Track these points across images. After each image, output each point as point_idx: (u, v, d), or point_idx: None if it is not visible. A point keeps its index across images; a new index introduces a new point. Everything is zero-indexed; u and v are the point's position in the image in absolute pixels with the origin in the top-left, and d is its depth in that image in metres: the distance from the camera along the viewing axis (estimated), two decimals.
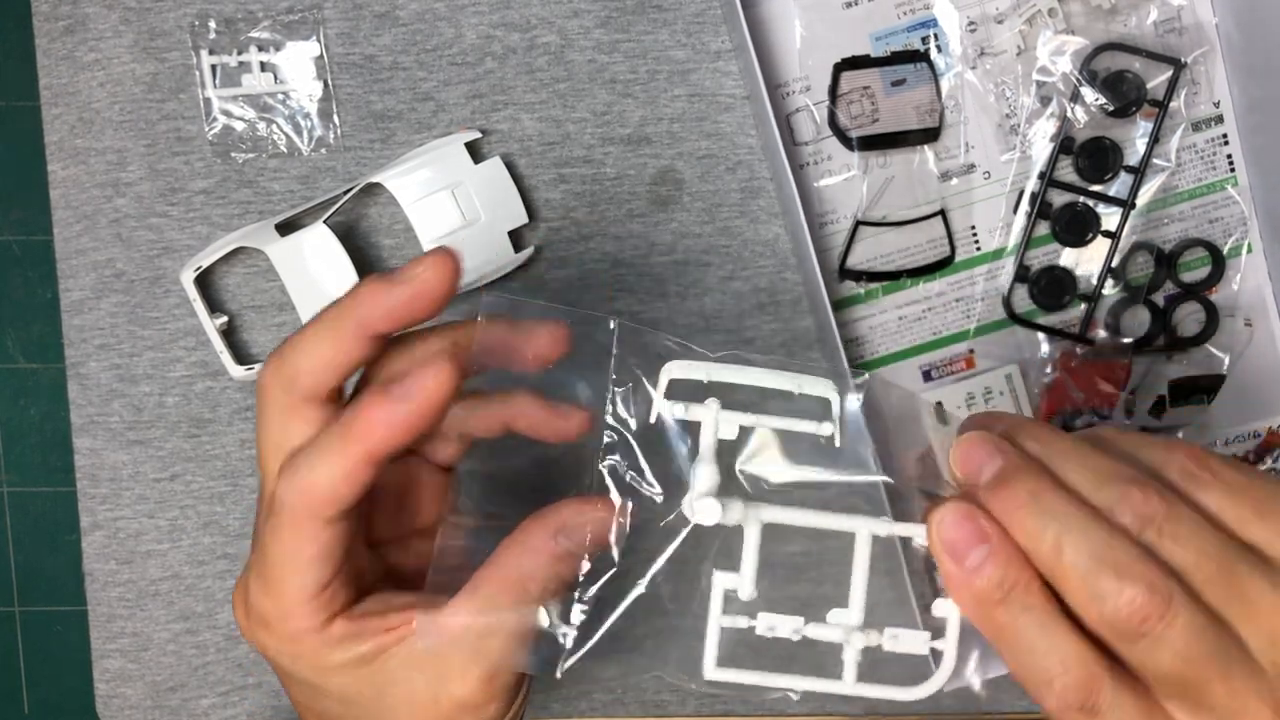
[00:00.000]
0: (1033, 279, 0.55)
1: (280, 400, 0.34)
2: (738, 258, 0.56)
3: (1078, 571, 0.29)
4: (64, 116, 0.55)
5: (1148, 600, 0.28)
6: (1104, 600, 0.29)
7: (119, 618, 0.57)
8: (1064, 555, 0.29)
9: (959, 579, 0.31)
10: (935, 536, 0.31)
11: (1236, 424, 0.56)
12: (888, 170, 0.55)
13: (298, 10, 0.55)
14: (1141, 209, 0.54)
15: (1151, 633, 0.28)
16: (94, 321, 0.56)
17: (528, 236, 0.56)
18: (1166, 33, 0.54)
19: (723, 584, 0.34)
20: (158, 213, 0.55)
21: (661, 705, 0.57)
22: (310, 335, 0.34)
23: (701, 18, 0.55)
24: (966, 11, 0.54)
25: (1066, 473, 0.31)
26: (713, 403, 0.34)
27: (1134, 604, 0.28)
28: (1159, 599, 0.28)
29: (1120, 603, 0.28)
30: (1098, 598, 0.29)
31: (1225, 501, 0.30)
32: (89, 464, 0.56)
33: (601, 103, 0.55)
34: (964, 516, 0.31)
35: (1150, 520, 0.29)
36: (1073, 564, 0.29)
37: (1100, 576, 0.29)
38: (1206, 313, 0.55)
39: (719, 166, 0.55)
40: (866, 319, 0.56)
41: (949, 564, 0.31)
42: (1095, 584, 0.29)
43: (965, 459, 0.32)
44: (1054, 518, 0.29)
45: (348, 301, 0.34)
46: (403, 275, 0.33)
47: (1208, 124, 0.55)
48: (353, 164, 0.55)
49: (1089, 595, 0.29)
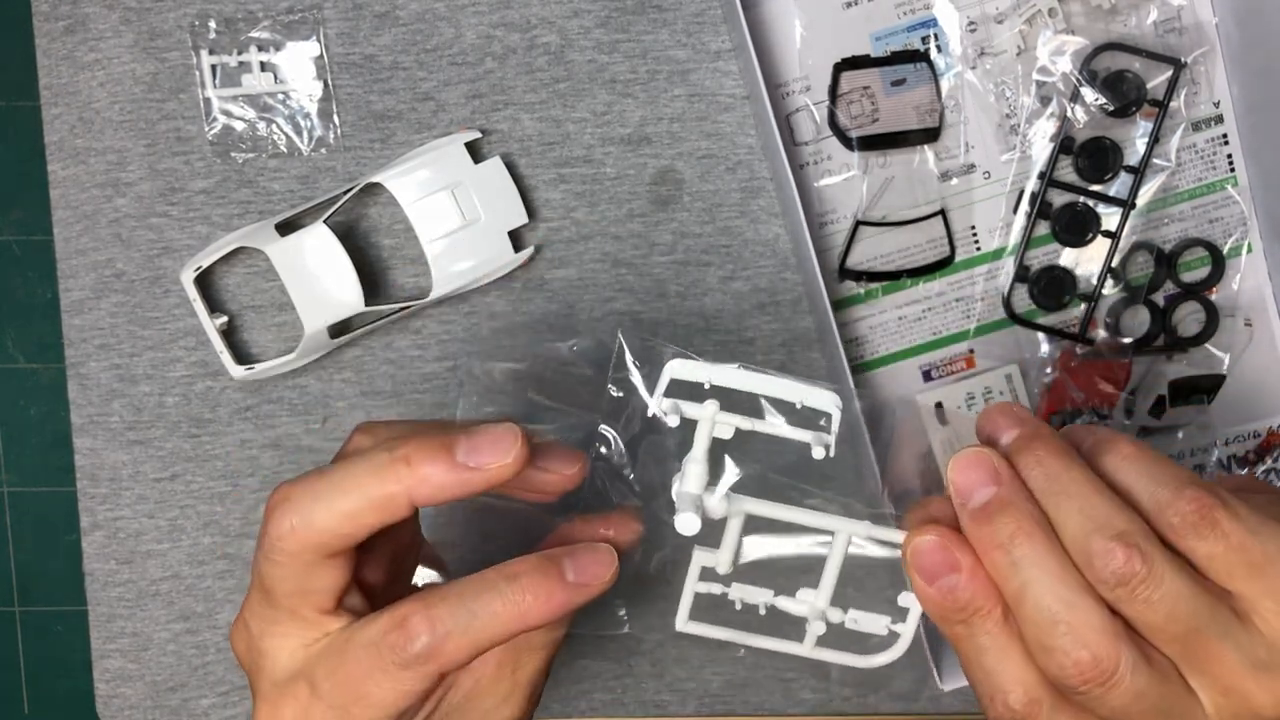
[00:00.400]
0: (1033, 279, 0.55)
1: (304, 559, 0.33)
2: (738, 258, 0.56)
3: (1033, 623, 0.30)
4: (64, 116, 0.55)
5: (1090, 667, 0.29)
6: (1050, 657, 0.30)
7: (119, 618, 0.57)
8: (1024, 604, 0.30)
9: (927, 596, 0.32)
10: (909, 557, 0.32)
11: (1236, 424, 0.56)
12: (888, 170, 0.55)
13: (298, 10, 0.55)
14: (1141, 209, 0.54)
15: (1090, 693, 0.30)
16: (94, 321, 0.56)
17: (528, 236, 0.56)
18: (1166, 33, 0.54)
19: (701, 560, 0.36)
20: (158, 213, 0.55)
21: (662, 705, 0.57)
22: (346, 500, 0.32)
23: (701, 18, 0.55)
24: (966, 11, 0.54)
25: (1058, 510, 0.31)
26: (711, 403, 0.34)
27: (1077, 668, 0.30)
28: (1102, 667, 0.29)
29: (1065, 663, 0.30)
30: (1045, 651, 0.30)
31: (1219, 552, 0.30)
32: (89, 464, 0.56)
33: (601, 103, 0.55)
34: (938, 545, 0.32)
35: (1126, 581, 0.30)
36: (1030, 616, 0.30)
37: (1052, 635, 0.30)
38: (1206, 313, 0.55)
39: (719, 166, 0.55)
40: (866, 319, 0.56)
41: (919, 582, 0.32)
42: (1045, 640, 0.30)
43: (961, 477, 0.32)
44: (1023, 567, 0.30)
45: (400, 472, 0.32)
46: (472, 456, 0.32)
47: (1208, 124, 0.55)
48: (353, 164, 0.55)
49: (1038, 648, 0.30)
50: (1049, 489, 0.31)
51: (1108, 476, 0.32)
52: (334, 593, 0.34)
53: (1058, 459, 0.32)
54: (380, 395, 0.56)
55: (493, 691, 0.36)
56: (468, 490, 0.33)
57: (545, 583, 0.33)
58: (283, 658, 0.34)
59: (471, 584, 0.33)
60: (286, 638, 0.34)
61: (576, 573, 0.33)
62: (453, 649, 0.32)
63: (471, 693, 0.36)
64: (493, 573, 0.33)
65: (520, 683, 0.36)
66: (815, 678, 0.37)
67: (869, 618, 0.36)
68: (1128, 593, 0.30)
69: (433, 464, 0.32)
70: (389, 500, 0.32)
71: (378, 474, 0.32)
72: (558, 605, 0.33)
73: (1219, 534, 0.30)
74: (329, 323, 0.53)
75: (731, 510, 0.34)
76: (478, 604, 0.32)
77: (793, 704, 0.58)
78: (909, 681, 0.38)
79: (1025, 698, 0.31)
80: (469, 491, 0.33)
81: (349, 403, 0.56)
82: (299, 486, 0.33)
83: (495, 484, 0.33)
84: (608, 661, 0.57)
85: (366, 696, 0.32)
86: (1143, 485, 0.31)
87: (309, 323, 0.53)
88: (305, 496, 0.33)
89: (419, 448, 0.32)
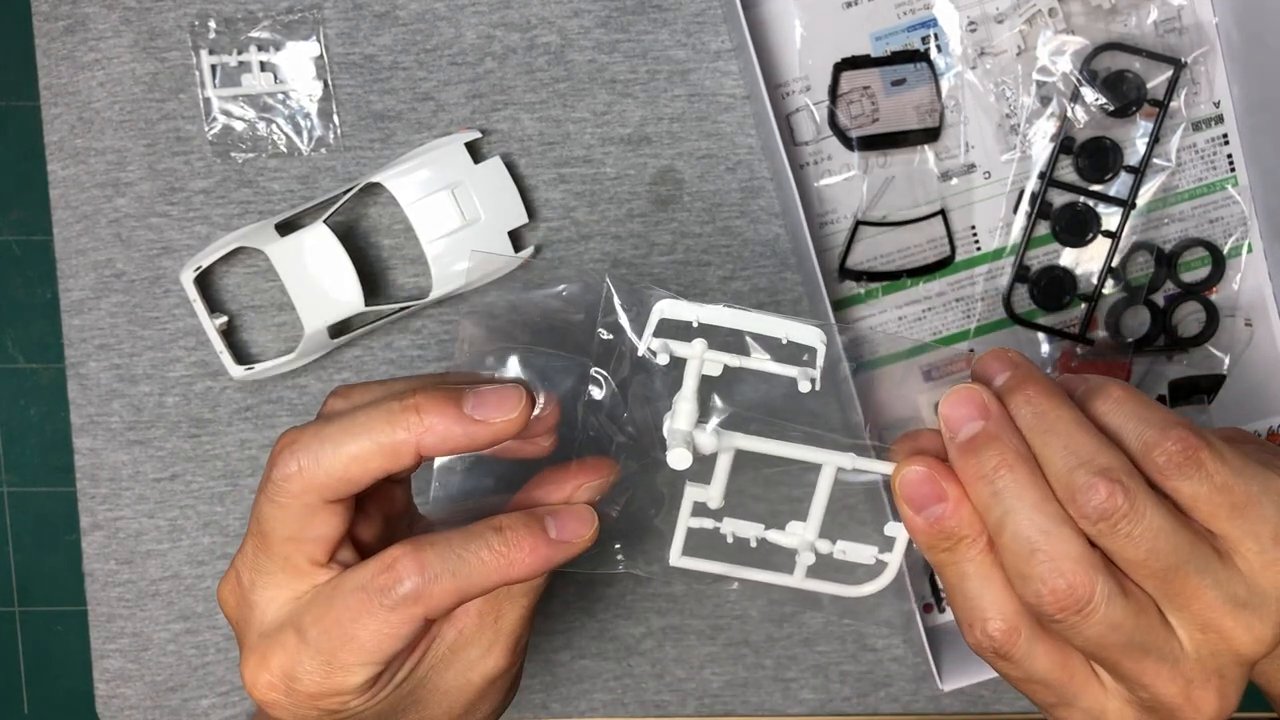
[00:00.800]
0: (1033, 279, 0.55)
1: (306, 501, 0.33)
2: (738, 258, 0.56)
3: (1011, 551, 0.31)
4: (64, 116, 0.55)
5: (1066, 595, 0.30)
6: (1027, 584, 0.31)
7: (119, 618, 0.57)
8: (1004, 533, 0.31)
9: (914, 524, 0.33)
10: (897, 486, 0.33)
11: (1236, 424, 0.56)
12: (888, 170, 0.55)
13: (298, 10, 0.55)
14: (1141, 209, 0.54)
15: (1066, 621, 0.31)
16: (94, 321, 0.56)
17: (528, 236, 0.56)
18: (1166, 33, 0.54)
19: (693, 495, 0.36)
20: (158, 213, 0.55)
21: (662, 705, 0.57)
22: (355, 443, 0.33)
23: (701, 18, 0.55)
24: (966, 11, 0.54)
25: (1045, 447, 0.32)
26: (699, 341, 0.35)
27: (1053, 595, 0.30)
28: (1077, 595, 0.30)
29: (1042, 590, 0.31)
30: (1023, 579, 0.31)
31: (1203, 493, 0.31)
32: (89, 464, 0.56)
33: (601, 103, 0.55)
34: (926, 475, 0.33)
35: (1107, 515, 0.30)
36: (1009, 544, 0.31)
37: (1029, 562, 0.31)
38: (1206, 313, 0.55)
39: (719, 166, 0.55)
40: (866, 319, 0.56)
41: (907, 511, 0.33)
42: (1023, 568, 0.31)
43: (951, 410, 0.33)
44: (1005, 497, 0.31)
45: (410, 419, 0.33)
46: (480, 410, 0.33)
47: (1208, 124, 0.55)
48: (353, 164, 0.55)
49: (1016, 575, 0.31)
50: (1037, 426, 0.32)
51: (1098, 420, 0.32)
52: (328, 543, 0.34)
53: (1047, 399, 0.32)
54: None
55: (476, 642, 0.37)
56: (473, 442, 0.33)
57: (530, 537, 0.34)
58: (271, 609, 0.34)
59: (459, 533, 0.34)
60: (278, 589, 0.34)
61: (559, 530, 0.34)
62: (440, 592, 0.33)
63: (455, 644, 0.36)
64: (479, 525, 0.34)
65: (503, 632, 0.37)
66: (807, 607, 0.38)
67: (857, 548, 0.37)
68: (1109, 527, 0.30)
69: (441, 414, 0.33)
70: (397, 447, 0.33)
71: (388, 420, 0.33)
72: (541, 559, 0.34)
73: (1204, 474, 0.31)
74: (329, 323, 0.53)
75: (721, 446, 0.35)
76: (466, 551, 0.33)
77: (793, 704, 0.58)
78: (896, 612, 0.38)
79: (1004, 625, 0.32)
80: (473, 444, 0.33)
81: None
82: (308, 430, 0.33)
83: (500, 439, 0.34)
84: (608, 661, 0.57)
85: (354, 639, 0.33)
86: (1131, 427, 0.32)
87: (309, 323, 0.53)
88: (314, 439, 0.33)
89: (428, 398, 0.33)
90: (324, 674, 0.33)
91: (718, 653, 0.57)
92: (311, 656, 0.33)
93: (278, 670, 0.34)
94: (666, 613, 0.57)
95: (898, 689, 0.57)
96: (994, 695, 0.58)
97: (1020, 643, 0.32)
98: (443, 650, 0.36)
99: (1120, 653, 0.31)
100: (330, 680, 0.34)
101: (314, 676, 0.34)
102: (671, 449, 0.34)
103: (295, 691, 0.34)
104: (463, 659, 0.37)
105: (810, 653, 0.57)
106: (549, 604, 0.57)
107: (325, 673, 0.33)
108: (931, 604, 0.57)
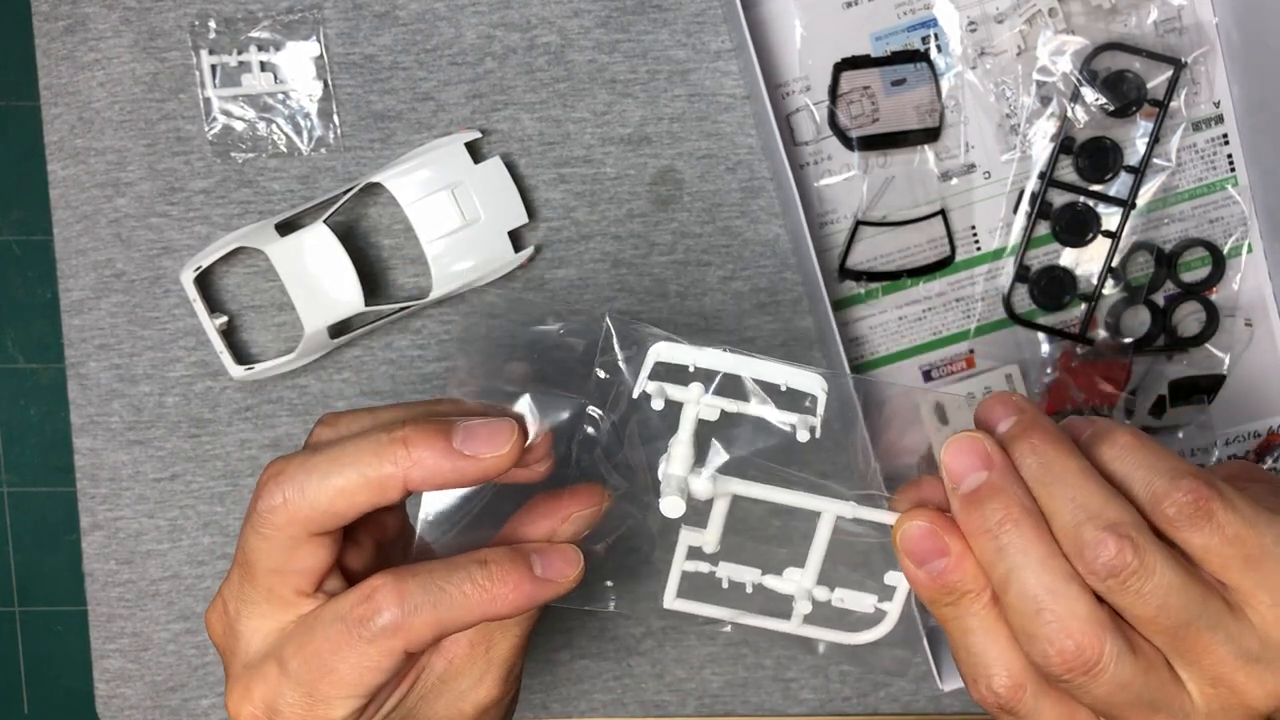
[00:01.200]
0: (1033, 279, 0.55)
1: (291, 533, 0.33)
2: (738, 258, 0.56)
3: (1017, 610, 0.30)
4: (64, 116, 0.55)
5: (1074, 656, 0.29)
6: (1034, 644, 0.30)
7: (119, 618, 0.57)
8: (1009, 591, 0.31)
9: (916, 578, 0.32)
10: (899, 540, 0.33)
11: (1236, 424, 0.56)
12: (888, 170, 0.55)
13: (298, 10, 0.55)
14: (1141, 209, 0.54)
15: (1074, 681, 0.30)
16: (94, 321, 0.56)
17: (528, 236, 0.56)
18: (1166, 33, 0.54)
19: (688, 539, 0.36)
20: (158, 213, 0.55)
21: (662, 705, 0.57)
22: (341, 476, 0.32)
23: (701, 18, 0.55)
24: (966, 11, 0.54)
25: (1051, 499, 0.31)
26: (696, 385, 0.34)
27: (1060, 656, 0.30)
28: (1085, 657, 0.29)
29: (1049, 651, 0.30)
30: (1029, 639, 0.30)
31: (1214, 545, 0.30)
32: (89, 464, 0.56)
33: (601, 103, 0.55)
34: (928, 530, 0.32)
35: (1116, 573, 0.30)
36: (1014, 602, 0.30)
37: (1036, 622, 0.30)
38: (1206, 313, 0.55)
39: (719, 166, 0.55)
40: (866, 319, 0.56)
41: (908, 565, 0.32)
42: (1030, 627, 0.30)
43: (954, 461, 0.32)
44: (1010, 554, 0.31)
45: (398, 453, 0.32)
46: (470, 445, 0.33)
47: (1208, 124, 0.55)
48: (353, 164, 0.55)
49: (1022, 634, 0.30)
50: (1042, 477, 0.31)
51: (1104, 467, 0.32)
52: (314, 575, 0.34)
53: (1053, 447, 0.32)
54: (380, 395, 0.56)
55: (467, 672, 0.36)
56: (461, 478, 0.33)
57: (514, 572, 0.33)
58: (256, 640, 0.34)
59: (443, 565, 0.33)
60: (263, 619, 0.34)
61: (544, 568, 0.34)
62: (420, 625, 0.32)
63: (445, 675, 0.36)
64: (464, 557, 0.34)
65: (495, 661, 0.36)
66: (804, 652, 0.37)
67: (856, 596, 0.36)
68: (1118, 584, 0.30)
69: (430, 448, 0.32)
70: (384, 481, 0.32)
71: (375, 453, 0.32)
72: (524, 596, 0.33)
73: (1214, 526, 0.30)
74: (329, 323, 0.53)
75: (718, 491, 0.35)
76: (448, 583, 0.33)
77: (793, 704, 0.58)
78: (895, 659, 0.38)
79: (1009, 681, 0.31)
80: (462, 479, 0.33)
81: (349, 403, 0.56)
82: (294, 461, 0.33)
83: (489, 476, 0.33)
84: (608, 661, 0.57)
85: (333, 672, 0.32)
86: (1139, 476, 0.31)
87: (309, 323, 0.53)
88: (300, 471, 0.33)
89: (417, 431, 0.32)
90: (305, 706, 0.33)
91: (718, 653, 0.57)
92: (292, 689, 0.33)
93: (260, 702, 0.33)
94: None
95: (898, 689, 0.57)
96: None
97: (1026, 699, 0.31)
98: (432, 681, 0.36)
99: (1129, 710, 0.30)
100: (312, 713, 0.33)
101: (295, 709, 0.33)
102: (665, 496, 0.33)
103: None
104: (453, 689, 0.36)
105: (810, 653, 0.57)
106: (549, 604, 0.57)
107: (307, 705, 0.33)
108: None
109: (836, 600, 0.36)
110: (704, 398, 0.34)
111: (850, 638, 0.37)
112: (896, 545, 0.33)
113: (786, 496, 0.35)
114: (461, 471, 0.33)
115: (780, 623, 0.37)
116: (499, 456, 0.33)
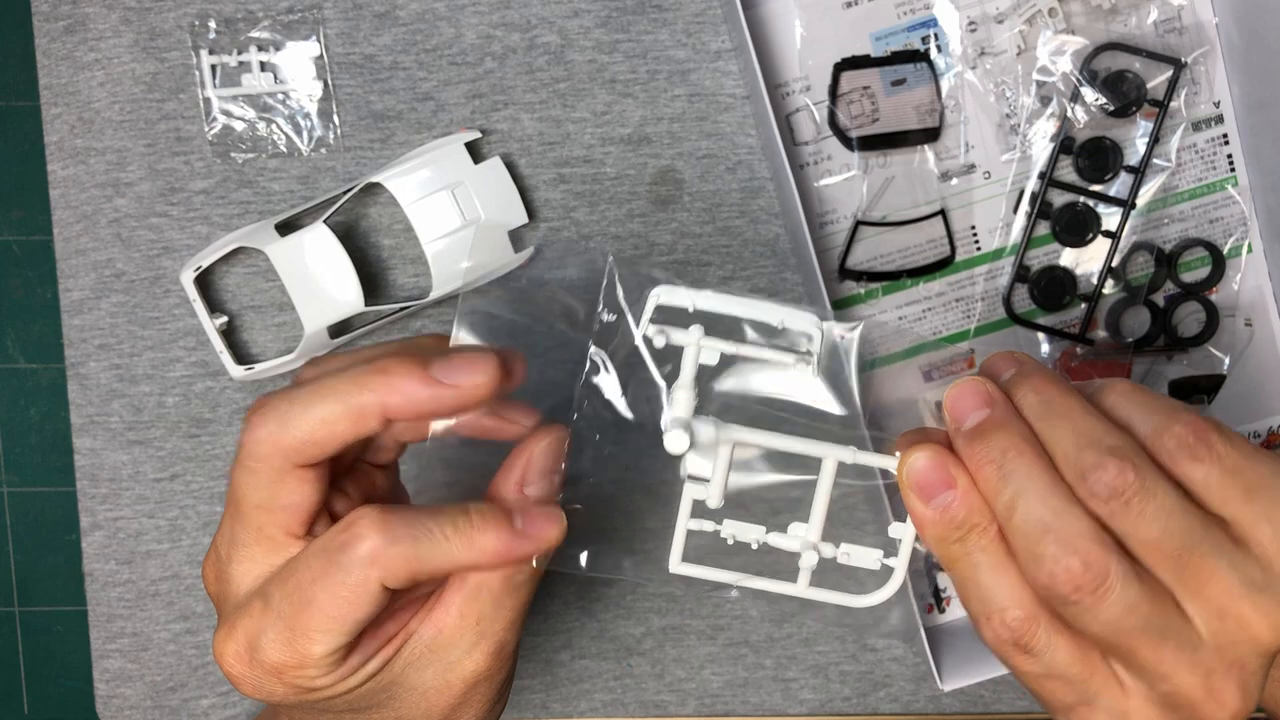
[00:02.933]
0: (1033, 279, 0.55)
1: (276, 464, 0.33)
2: (738, 258, 0.56)
3: (1022, 533, 0.31)
4: (64, 116, 0.55)
5: (1080, 573, 0.30)
6: (1040, 565, 0.30)
7: (119, 618, 0.57)
8: (1014, 516, 0.31)
9: (922, 516, 0.33)
10: (904, 475, 0.33)
11: (1236, 424, 0.56)
12: (888, 170, 0.55)
13: (298, 10, 0.55)
14: (1141, 209, 0.54)
15: (1082, 603, 0.30)
16: (94, 321, 0.56)
17: (528, 236, 0.56)
18: (1166, 33, 0.54)
19: (692, 494, 0.36)
20: (158, 213, 0.55)
21: (662, 705, 0.57)
22: (323, 405, 0.33)
23: (701, 18, 0.55)
24: (966, 11, 0.54)
25: (1052, 431, 0.32)
26: (696, 329, 0.35)
27: (1067, 574, 0.30)
28: (1092, 574, 0.30)
29: (1055, 570, 0.30)
30: (1035, 560, 0.30)
31: (1214, 476, 0.31)
32: (89, 464, 0.56)
33: (601, 103, 0.55)
34: (934, 462, 0.32)
35: (1119, 492, 0.30)
36: (1019, 526, 0.31)
37: (1041, 542, 0.30)
38: (1206, 313, 0.55)
39: (719, 166, 0.55)
40: (866, 319, 0.56)
41: (915, 501, 0.33)
42: (1035, 548, 0.30)
43: (955, 402, 0.33)
44: (1014, 479, 0.31)
45: (376, 381, 0.33)
46: (447, 374, 0.33)
47: (1208, 124, 0.55)
48: (353, 164, 0.55)
49: (1028, 557, 0.31)
50: (1043, 413, 0.32)
51: (1106, 413, 0.32)
52: (301, 513, 0.34)
53: (1054, 386, 0.32)
54: None
55: (456, 643, 0.36)
56: (439, 406, 0.33)
57: (495, 524, 0.34)
58: (246, 582, 0.34)
59: (427, 509, 0.34)
60: (253, 562, 0.34)
61: (525, 525, 0.34)
62: (398, 558, 0.32)
63: (433, 643, 0.36)
64: (448, 506, 0.34)
65: (485, 634, 0.36)
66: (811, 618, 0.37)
67: (861, 551, 0.36)
68: (1121, 505, 0.30)
69: (407, 376, 0.32)
70: (364, 408, 0.33)
71: (354, 382, 0.33)
72: (504, 549, 0.34)
73: (1214, 457, 0.30)
74: (329, 323, 0.53)
75: (720, 438, 0.34)
76: (432, 523, 0.33)
77: (793, 704, 0.58)
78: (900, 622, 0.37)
79: (1022, 614, 0.31)
80: (439, 407, 0.33)
81: None
82: (277, 394, 0.34)
83: (467, 404, 0.33)
84: (608, 661, 0.57)
85: (313, 603, 0.32)
86: (1139, 415, 0.32)
87: (309, 323, 0.53)
88: (283, 402, 0.33)
89: (396, 360, 0.33)
90: (286, 640, 0.33)
91: (718, 653, 0.57)
92: (274, 622, 0.33)
93: (243, 639, 0.33)
94: (666, 613, 0.57)
95: (898, 689, 0.57)
96: (994, 695, 0.58)
97: (1040, 632, 0.31)
98: (420, 648, 0.36)
99: (1138, 638, 0.30)
100: (292, 647, 0.33)
101: (276, 644, 0.33)
102: (669, 431, 0.34)
103: (258, 663, 0.33)
104: (442, 659, 0.36)
105: (810, 653, 0.57)
106: (549, 604, 0.57)
107: (287, 639, 0.33)
108: (932, 604, 0.57)
109: (842, 556, 0.36)
110: (703, 340, 0.34)
111: (858, 600, 0.36)
112: (902, 481, 0.33)
113: (788, 442, 0.35)
114: (439, 399, 0.33)
115: (787, 585, 0.36)
116: (476, 384, 0.33)
